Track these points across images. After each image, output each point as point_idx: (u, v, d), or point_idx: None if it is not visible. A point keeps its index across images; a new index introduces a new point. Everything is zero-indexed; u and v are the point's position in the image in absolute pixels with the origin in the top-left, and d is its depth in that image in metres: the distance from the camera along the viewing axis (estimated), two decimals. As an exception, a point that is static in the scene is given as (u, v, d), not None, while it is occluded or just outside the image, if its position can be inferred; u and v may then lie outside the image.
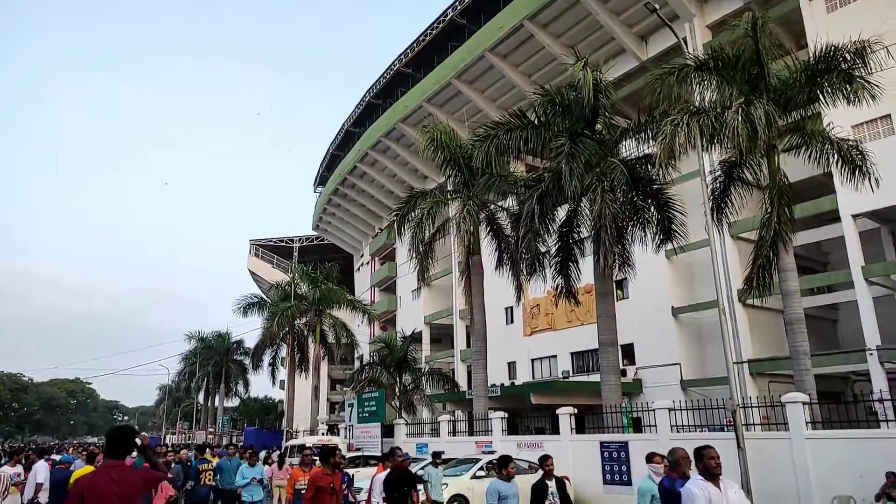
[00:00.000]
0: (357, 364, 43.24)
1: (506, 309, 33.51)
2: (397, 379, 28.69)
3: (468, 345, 28.95)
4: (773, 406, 13.36)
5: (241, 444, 31.45)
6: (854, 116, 19.62)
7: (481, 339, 21.92)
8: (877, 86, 12.75)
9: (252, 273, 67.70)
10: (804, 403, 11.98)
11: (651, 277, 25.34)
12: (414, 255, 22.59)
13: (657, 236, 17.92)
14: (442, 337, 43.70)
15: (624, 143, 18.73)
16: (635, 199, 17.81)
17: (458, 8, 35.42)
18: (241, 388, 55.58)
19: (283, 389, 42.01)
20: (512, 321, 34.06)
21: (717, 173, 15.98)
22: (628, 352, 26.96)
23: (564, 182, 16.14)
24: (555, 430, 17.74)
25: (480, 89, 35.53)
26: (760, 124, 11.92)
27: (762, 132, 12.05)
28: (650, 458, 7.20)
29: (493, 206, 22.58)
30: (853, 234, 21.62)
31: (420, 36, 38.68)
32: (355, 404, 26.56)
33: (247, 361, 47.58)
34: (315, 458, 9.25)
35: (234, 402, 62.04)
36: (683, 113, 13.27)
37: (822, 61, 13.35)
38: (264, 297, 41.59)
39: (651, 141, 16.84)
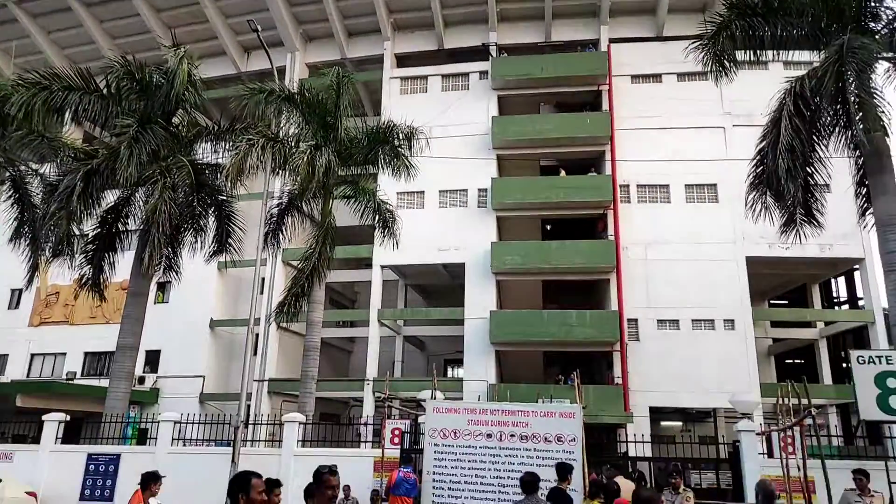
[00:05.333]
0: None
1: (13, 290, 27.77)
2: None
3: (-57, 327, 22.68)
4: (277, 424, 14.34)
5: None
6: (401, 185, 23.46)
7: (-37, 322, 17.44)
8: (413, 166, 15.60)
9: None
10: (300, 423, 13.23)
11: (197, 285, 24.67)
12: None
13: (212, 246, 17.63)
14: None
15: (200, 144, 18.06)
16: (196, 203, 17.20)
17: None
18: None
19: None
20: (17, 306, 28.31)
21: (280, 200, 16.83)
22: (153, 359, 25.47)
23: (120, 167, 14.46)
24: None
25: (47, 28, 29.51)
26: (321, 170, 13.13)
27: (320, 176, 13.28)
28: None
29: (23, 168, 18.64)
30: (378, 281, 25.42)
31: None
32: None
33: None
34: None
35: None
36: (261, 136, 13.62)
37: (382, 133, 15.68)
38: None
39: (227, 151, 16.69)
